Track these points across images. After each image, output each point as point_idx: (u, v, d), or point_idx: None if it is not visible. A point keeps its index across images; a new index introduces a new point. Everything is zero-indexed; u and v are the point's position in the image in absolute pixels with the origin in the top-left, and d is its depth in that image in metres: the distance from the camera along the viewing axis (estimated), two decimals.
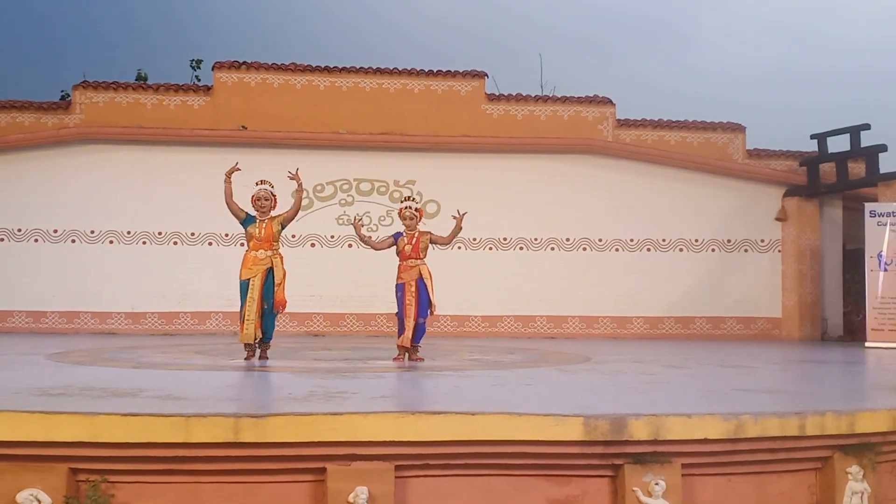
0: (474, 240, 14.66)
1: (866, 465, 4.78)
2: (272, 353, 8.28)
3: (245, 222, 8.09)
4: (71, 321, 13.99)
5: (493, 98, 15.32)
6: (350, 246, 14.24)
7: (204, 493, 4.31)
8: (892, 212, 12.44)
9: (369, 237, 8.75)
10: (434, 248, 8.54)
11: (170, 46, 42.37)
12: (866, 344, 12.25)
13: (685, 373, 7.53)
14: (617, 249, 14.83)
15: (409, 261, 8.31)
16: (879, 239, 12.42)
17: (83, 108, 14.63)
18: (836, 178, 14.26)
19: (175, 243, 14.22)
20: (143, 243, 14.24)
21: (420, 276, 8.28)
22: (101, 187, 14.21)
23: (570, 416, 4.38)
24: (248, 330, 7.88)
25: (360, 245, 14.14)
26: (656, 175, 14.92)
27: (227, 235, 13.91)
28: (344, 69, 15.11)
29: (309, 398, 4.96)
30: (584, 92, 15.78)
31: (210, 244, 14.12)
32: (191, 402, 4.73)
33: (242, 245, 8.50)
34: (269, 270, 7.94)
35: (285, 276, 8.00)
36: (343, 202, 14.60)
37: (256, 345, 8.05)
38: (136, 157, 14.34)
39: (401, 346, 8.36)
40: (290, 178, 8.13)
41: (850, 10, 51.59)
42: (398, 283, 8.36)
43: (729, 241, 14.98)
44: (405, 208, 8.43)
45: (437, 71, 15.26)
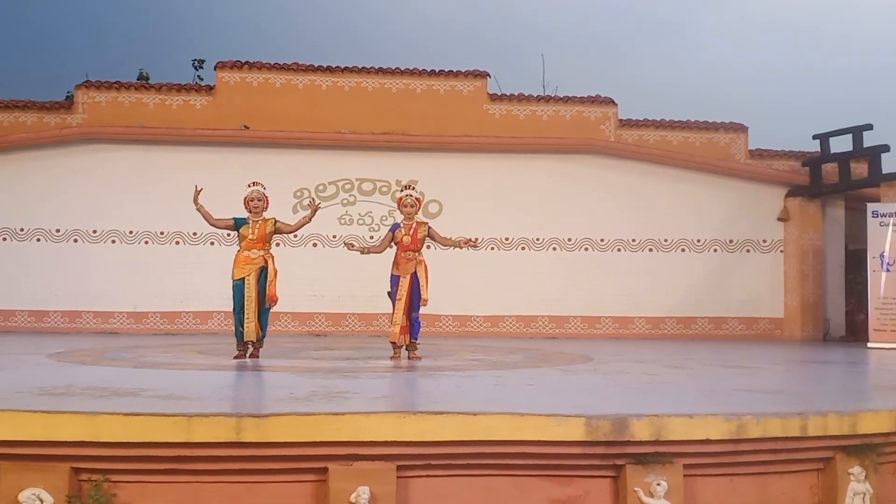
0: (476, 240, 14.64)
1: (868, 465, 4.77)
2: (274, 352, 8.30)
3: (237, 224, 8.18)
4: (73, 321, 14.01)
5: (495, 98, 15.32)
6: (352, 246, 14.24)
7: (206, 492, 4.32)
8: (895, 212, 12.42)
9: (367, 248, 8.50)
10: (430, 244, 8.51)
11: (172, 46, 42.40)
12: (868, 344, 12.24)
13: (687, 373, 7.52)
14: (619, 249, 14.82)
15: (408, 253, 8.22)
16: (882, 239, 12.41)
17: (85, 108, 14.66)
18: (838, 179, 14.25)
19: (177, 243, 14.23)
20: (146, 243, 14.26)
21: (415, 272, 8.19)
22: (104, 187, 14.23)
23: (572, 417, 4.38)
24: (250, 328, 7.95)
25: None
26: (658, 175, 14.91)
27: (228, 235, 13.79)
28: (346, 69, 15.11)
29: (311, 398, 4.96)
30: (586, 92, 15.79)
31: (212, 244, 14.12)
32: (193, 402, 4.73)
33: None
34: (262, 269, 8.03)
35: (276, 273, 8.09)
36: (345, 202, 14.60)
37: (249, 344, 8.10)
38: (138, 156, 14.36)
39: (393, 342, 8.31)
40: (308, 206, 8.19)
41: (852, 11, 51.58)
42: (393, 275, 8.29)
43: (731, 241, 14.97)
44: (406, 196, 8.35)
45: (439, 71, 15.26)
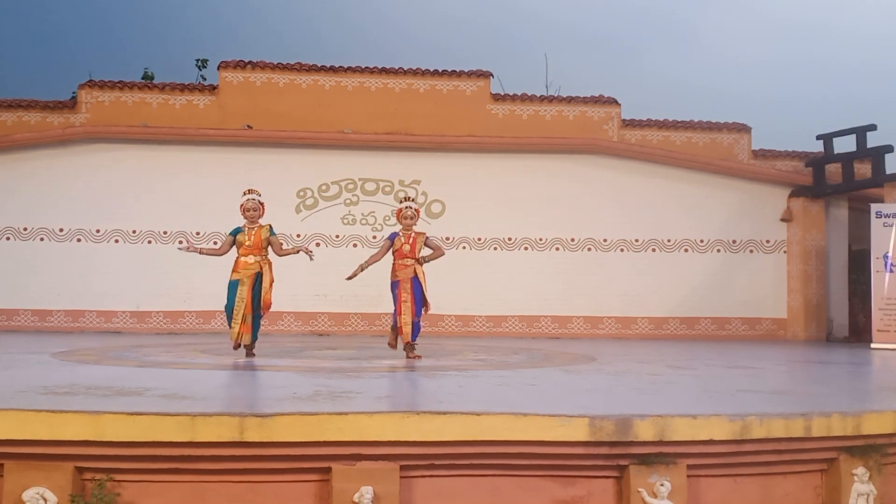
0: (479, 240, 14.67)
1: (872, 466, 4.77)
2: (277, 352, 8.36)
3: (234, 234, 8.41)
4: (76, 320, 14.03)
5: (498, 98, 15.31)
6: (355, 245, 14.26)
7: (209, 492, 4.32)
8: None
9: (367, 263, 8.52)
10: (427, 250, 8.65)
11: (175, 46, 42.44)
12: (872, 345, 12.23)
13: (690, 373, 7.51)
14: (622, 250, 14.81)
15: (406, 259, 8.42)
16: (885, 240, 12.40)
17: (89, 108, 14.67)
18: (841, 179, 14.24)
19: (180, 242, 14.22)
20: (149, 242, 14.27)
21: (415, 275, 8.40)
22: (107, 186, 14.25)
23: (576, 417, 4.38)
24: (234, 329, 8.22)
25: (364, 245, 14.26)
26: (661, 175, 14.90)
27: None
28: (349, 69, 15.12)
29: (314, 398, 4.96)
30: (590, 89, 15.91)
31: (215, 243, 14.10)
32: (196, 402, 4.73)
33: None
34: (258, 275, 8.25)
35: (273, 281, 8.32)
36: (348, 202, 14.61)
37: (241, 344, 8.33)
38: (141, 156, 14.38)
39: (408, 342, 8.47)
40: (301, 251, 8.42)
41: (859, 8, 51.50)
42: (393, 281, 8.49)
43: (734, 241, 14.95)
44: (406, 208, 8.54)
45: (442, 71, 15.26)
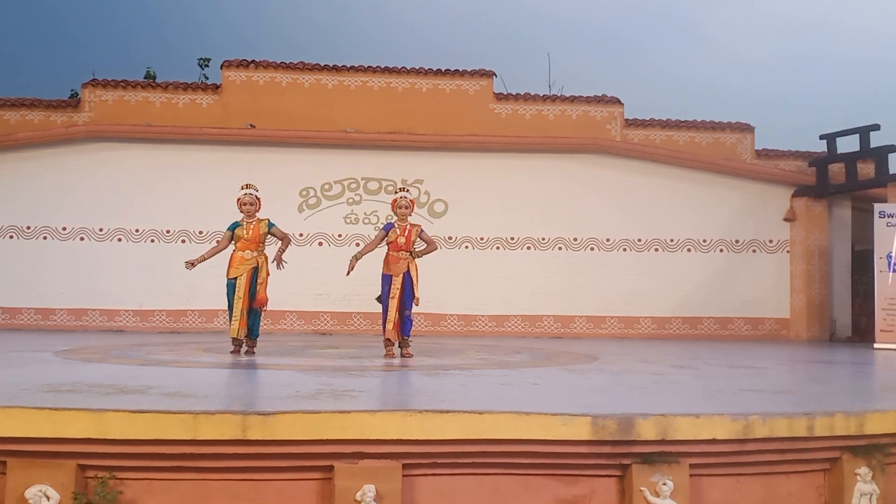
0: (482, 239, 14.66)
1: (875, 466, 4.76)
2: (279, 351, 8.36)
3: (232, 229, 8.56)
4: (79, 318, 14.04)
5: (501, 97, 15.30)
6: (357, 245, 14.24)
7: (212, 490, 4.33)
8: None
9: (360, 253, 8.39)
10: (421, 244, 8.63)
11: (178, 45, 42.49)
12: (875, 345, 12.20)
13: (693, 373, 7.51)
14: (624, 249, 14.80)
15: (400, 252, 8.38)
16: (889, 240, 12.37)
17: (92, 107, 14.68)
18: (845, 179, 14.21)
19: (183, 241, 14.25)
20: (152, 241, 14.28)
21: (407, 270, 8.37)
22: (110, 185, 14.26)
23: (578, 416, 4.38)
24: (234, 326, 8.29)
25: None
26: (664, 175, 14.89)
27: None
28: (352, 68, 15.12)
29: (316, 396, 4.96)
30: (594, 88, 15.91)
31: (217, 242, 14.12)
32: (199, 400, 4.74)
33: None
34: (255, 270, 8.38)
35: (268, 276, 8.43)
36: (350, 201, 14.61)
37: (242, 340, 8.40)
38: (144, 155, 14.38)
39: (387, 338, 8.42)
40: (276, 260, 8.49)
41: (865, 5, 51.42)
42: (385, 275, 8.43)
43: (737, 241, 14.94)
44: (401, 198, 8.54)
45: (445, 70, 15.24)
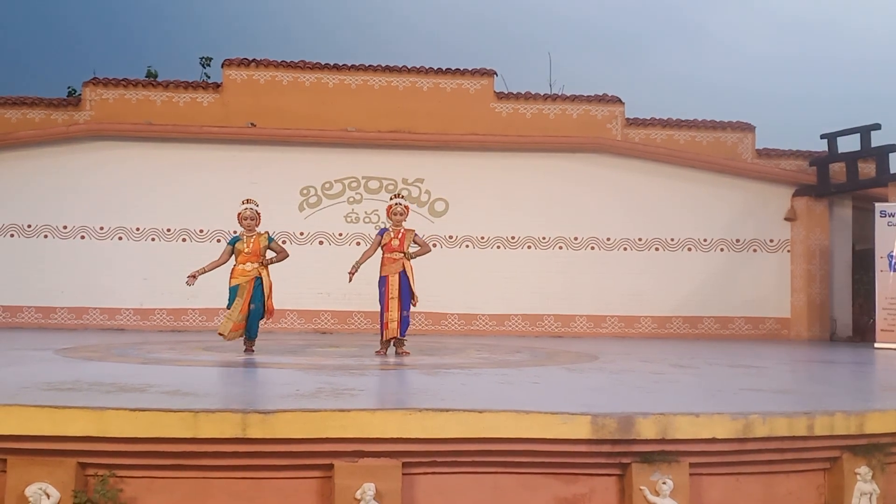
0: (482, 238, 14.66)
1: (875, 465, 4.76)
2: (280, 349, 8.40)
3: (232, 243, 8.71)
4: (80, 317, 14.04)
5: (501, 96, 15.30)
6: (358, 244, 14.24)
7: (212, 488, 4.33)
8: None
9: (360, 261, 8.59)
10: (415, 246, 8.74)
11: (179, 43, 42.49)
12: (875, 345, 12.20)
13: (693, 372, 7.51)
14: (625, 248, 14.79)
15: (394, 253, 8.54)
16: (889, 239, 12.36)
17: (93, 105, 14.69)
18: (846, 178, 14.20)
19: (184, 240, 14.26)
20: (153, 240, 14.29)
21: (403, 270, 8.52)
22: (111, 184, 14.26)
23: (578, 415, 4.38)
24: (226, 324, 8.44)
25: (367, 243, 14.20)
26: (665, 174, 14.88)
27: (234, 233, 13.87)
28: (353, 67, 15.12)
29: (316, 395, 4.96)
30: (594, 87, 15.89)
31: (218, 241, 14.12)
32: (199, 398, 4.74)
33: None
34: (258, 280, 8.55)
35: (272, 287, 8.60)
36: (351, 200, 14.61)
37: (228, 338, 8.53)
38: (145, 154, 14.39)
39: (388, 339, 8.56)
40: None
41: (867, 5, 51.38)
42: (381, 277, 8.59)
43: (738, 240, 14.93)
44: (395, 205, 8.70)
45: (445, 69, 15.24)
